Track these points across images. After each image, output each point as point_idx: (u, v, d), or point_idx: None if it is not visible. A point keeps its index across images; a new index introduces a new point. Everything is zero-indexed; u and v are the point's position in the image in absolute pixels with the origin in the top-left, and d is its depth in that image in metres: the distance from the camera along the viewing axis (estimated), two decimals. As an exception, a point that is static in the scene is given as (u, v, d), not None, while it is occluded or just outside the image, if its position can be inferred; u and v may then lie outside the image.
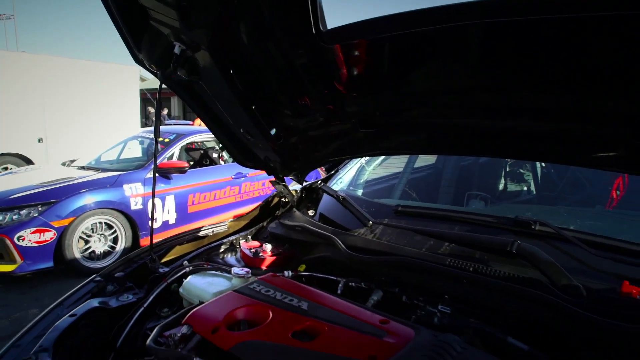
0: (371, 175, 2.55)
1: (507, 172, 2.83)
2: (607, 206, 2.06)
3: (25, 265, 4.49)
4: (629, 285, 1.13)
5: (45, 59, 9.83)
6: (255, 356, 1.04)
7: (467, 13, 1.03)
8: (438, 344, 0.99)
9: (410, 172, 2.82)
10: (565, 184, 2.52)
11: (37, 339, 1.26)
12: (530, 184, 2.76)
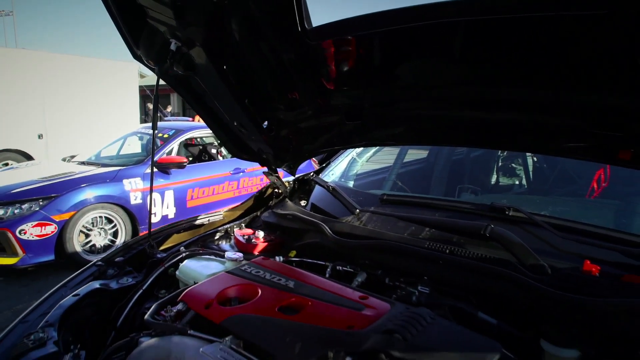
0: (362, 169, 2.65)
1: (500, 166, 2.91)
2: (587, 196, 2.17)
3: (27, 258, 4.59)
4: (590, 264, 1.23)
5: (45, 55, 9.92)
6: (243, 328, 1.14)
7: (445, 12, 1.12)
8: (410, 315, 1.09)
9: (402, 166, 2.92)
10: (555, 177, 2.61)
11: (42, 316, 1.36)
12: (522, 178, 2.85)
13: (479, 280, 1.31)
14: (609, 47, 0.94)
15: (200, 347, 1.10)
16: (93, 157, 6.14)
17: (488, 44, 1.15)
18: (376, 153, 2.71)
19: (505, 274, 1.25)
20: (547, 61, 1.09)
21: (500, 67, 1.21)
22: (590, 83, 1.06)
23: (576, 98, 1.12)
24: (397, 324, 1.06)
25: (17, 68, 9.26)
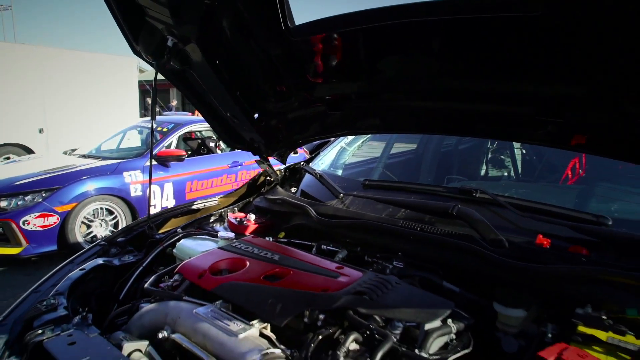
0: (351, 159, 2.79)
1: (489, 158, 3.05)
2: (561, 182, 2.33)
3: (31, 248, 4.76)
4: (542, 238, 1.38)
5: (45, 50, 10.07)
6: (232, 293, 1.30)
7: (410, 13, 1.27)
8: (378, 280, 1.25)
9: (391, 157, 3.06)
10: (542, 168, 2.76)
11: (52, 287, 1.53)
12: (510, 169, 2.99)
13: (445, 254, 1.46)
14: (545, 44, 1.09)
15: (194, 309, 1.25)
16: (94, 151, 6.30)
17: (453, 41, 1.30)
18: (365, 142, 2.85)
19: (468, 248, 1.40)
20: (499, 56, 1.24)
21: (464, 62, 1.36)
22: (534, 75, 1.21)
23: (524, 89, 1.27)
24: (366, 287, 1.21)
25: (17, 63, 9.40)
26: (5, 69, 9.23)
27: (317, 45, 1.52)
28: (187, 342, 1.17)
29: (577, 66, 1.11)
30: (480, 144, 2.95)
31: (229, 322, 1.18)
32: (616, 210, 1.61)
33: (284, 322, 1.15)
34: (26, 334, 1.24)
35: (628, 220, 1.46)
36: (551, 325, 1.18)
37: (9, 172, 5.36)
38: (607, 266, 1.22)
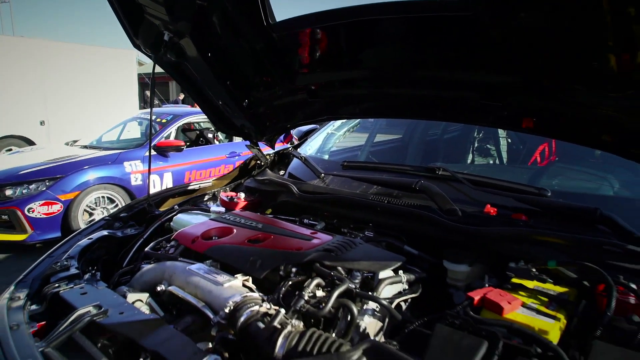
0: (338, 145, 3.01)
1: (476, 147, 3.26)
2: (530, 164, 2.56)
3: (35, 235, 5.00)
4: (490, 207, 1.61)
5: (46, 43, 10.29)
6: (220, 254, 1.53)
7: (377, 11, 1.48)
8: (344, 240, 1.48)
9: (378, 145, 3.28)
10: (525, 156, 2.98)
11: (64, 253, 1.75)
12: (495, 157, 3.20)
13: (408, 223, 1.69)
14: (481, 39, 1.30)
15: (187, 266, 1.48)
16: (94, 142, 6.52)
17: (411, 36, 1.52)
18: (350, 131, 3.07)
19: (427, 217, 1.63)
20: (448, 49, 1.45)
21: (422, 54, 1.58)
22: (476, 65, 1.43)
23: (469, 77, 1.49)
24: (333, 246, 1.44)
25: (18, 56, 9.62)
26: (7, 62, 9.45)
27: (296, 40, 1.74)
28: (182, 292, 1.39)
29: (508, 58, 1.33)
30: (467, 133, 3.16)
31: (216, 275, 1.41)
32: (557, 184, 1.84)
33: (263, 274, 1.38)
34: (44, 287, 1.47)
35: (565, 192, 1.69)
36: (492, 278, 1.41)
37: (13, 162, 5.60)
38: (539, 228, 1.44)
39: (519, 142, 3.06)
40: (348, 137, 3.18)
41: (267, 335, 1.09)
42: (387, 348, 0.98)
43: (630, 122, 1.25)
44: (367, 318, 1.24)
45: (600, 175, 1.86)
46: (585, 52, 1.19)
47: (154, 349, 1.12)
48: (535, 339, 1.06)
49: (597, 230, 1.45)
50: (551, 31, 1.18)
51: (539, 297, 1.26)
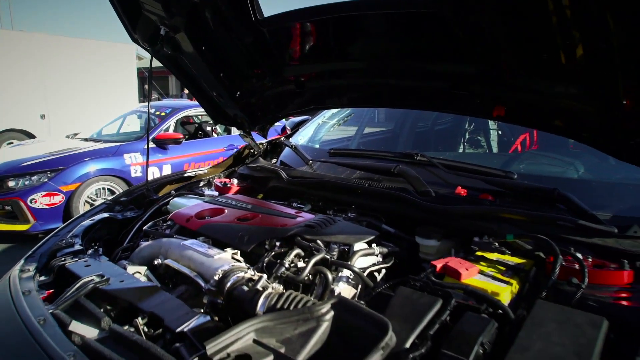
0: (329, 136, 3.16)
1: (467, 139, 3.40)
2: (510, 151, 2.71)
3: (38, 225, 5.16)
4: (460, 189, 1.76)
5: (46, 38, 10.44)
6: (211, 230, 1.68)
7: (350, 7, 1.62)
8: (324, 218, 1.63)
9: (368, 135, 3.42)
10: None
11: (68, 232, 1.91)
12: (485, 149, 3.34)
13: (386, 204, 1.84)
14: (447, 34, 1.44)
15: (182, 242, 1.63)
16: (95, 135, 6.68)
17: (384, 31, 1.66)
18: (344, 118, 3.21)
19: (403, 198, 1.78)
20: (421, 42, 1.60)
21: (399, 48, 1.72)
22: (445, 58, 1.57)
23: (441, 68, 1.63)
24: (314, 222, 1.60)
25: (18, 51, 9.77)
26: (7, 56, 9.60)
27: (283, 34, 1.88)
28: (176, 264, 1.55)
29: (471, 51, 1.47)
30: (457, 125, 3.30)
31: (208, 249, 1.56)
32: (523, 168, 1.99)
33: (250, 248, 1.54)
34: (51, 261, 1.63)
35: (531, 175, 1.83)
36: (460, 252, 1.56)
37: (15, 154, 5.76)
38: (502, 206, 1.59)
39: (510, 134, 3.21)
40: (339, 130, 3.33)
41: (250, 297, 1.24)
42: (352, 303, 1.13)
43: (579, 108, 1.39)
44: (342, 284, 1.39)
45: (568, 160, 2.01)
46: (537, 47, 1.33)
47: (151, 310, 1.28)
48: (486, 299, 1.21)
49: (555, 208, 1.59)
50: (505, 28, 1.32)
51: (497, 267, 1.41)
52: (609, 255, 1.38)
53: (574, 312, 1.13)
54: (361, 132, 3.20)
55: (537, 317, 1.12)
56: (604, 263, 1.35)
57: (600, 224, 1.46)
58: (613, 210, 1.58)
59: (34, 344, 1.13)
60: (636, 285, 1.26)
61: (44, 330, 1.17)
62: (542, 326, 1.09)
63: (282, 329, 1.09)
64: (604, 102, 1.30)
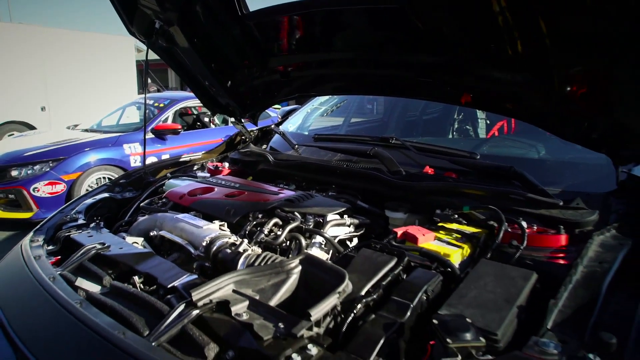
0: (317, 125, 3.35)
1: (456, 128, 3.58)
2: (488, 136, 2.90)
3: (41, 213, 5.37)
4: (428, 168, 1.95)
5: (46, 30, 10.62)
6: (201, 206, 1.88)
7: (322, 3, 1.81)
8: (303, 193, 1.82)
9: (357, 124, 3.61)
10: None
11: (72, 209, 2.11)
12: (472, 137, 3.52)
13: (362, 182, 2.03)
14: (410, 26, 1.63)
15: (175, 216, 1.83)
16: (95, 126, 6.88)
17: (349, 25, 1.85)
18: (332, 107, 3.40)
19: (377, 177, 1.97)
20: (390, 34, 1.78)
21: (369, 40, 1.91)
22: (410, 48, 1.76)
23: (407, 58, 1.82)
24: (293, 197, 1.79)
25: (18, 43, 9.95)
26: (7, 49, 9.79)
27: (267, 27, 2.07)
28: (170, 235, 1.75)
29: (432, 42, 1.66)
30: (446, 114, 3.48)
31: (198, 221, 1.76)
32: (489, 150, 2.18)
33: (235, 220, 1.74)
34: (57, 233, 1.83)
35: (494, 156, 2.02)
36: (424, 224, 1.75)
37: (17, 145, 5.97)
38: (463, 183, 1.78)
39: (496, 121, 3.38)
40: (329, 119, 3.52)
41: (232, 257, 1.44)
42: (317, 258, 1.33)
43: (525, 94, 1.58)
44: (315, 249, 1.58)
45: (531, 143, 2.20)
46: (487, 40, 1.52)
47: (146, 271, 1.48)
48: (437, 258, 1.40)
49: (511, 184, 1.78)
50: (458, 24, 1.50)
51: (454, 234, 1.60)
52: (552, 224, 1.57)
53: (510, 268, 1.33)
54: (349, 121, 3.38)
55: (478, 272, 1.32)
56: (546, 230, 1.54)
57: (548, 197, 1.66)
58: (562, 185, 1.77)
59: (46, 296, 1.33)
60: (570, 247, 1.45)
61: (54, 285, 1.37)
62: (481, 279, 1.28)
63: (257, 281, 1.28)
64: (544, 89, 1.48)
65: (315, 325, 1.12)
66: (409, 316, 1.17)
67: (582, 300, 1.19)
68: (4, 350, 1.24)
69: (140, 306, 1.28)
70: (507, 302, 1.18)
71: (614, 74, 1.32)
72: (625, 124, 1.45)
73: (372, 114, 4.13)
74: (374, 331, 1.11)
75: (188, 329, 1.13)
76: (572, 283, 1.24)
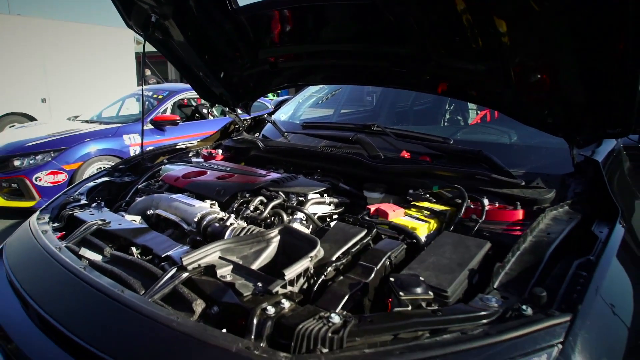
0: (308, 115, 3.51)
1: (447, 119, 3.73)
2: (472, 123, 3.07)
3: (43, 201, 5.55)
4: (405, 152, 2.12)
5: (46, 22, 10.78)
6: (194, 187, 2.05)
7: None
8: (287, 175, 1.99)
9: (349, 114, 3.77)
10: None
11: (74, 191, 2.28)
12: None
13: (344, 166, 2.20)
14: (383, 19, 1.79)
15: (170, 196, 2.01)
16: (95, 117, 7.04)
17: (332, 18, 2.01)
18: (322, 97, 3.56)
19: (357, 160, 2.14)
20: (362, 27, 1.95)
21: (349, 32, 2.07)
22: (384, 41, 1.92)
23: (383, 50, 1.98)
24: (279, 179, 1.96)
25: (19, 35, 10.12)
26: (8, 41, 9.95)
27: (257, 21, 2.23)
28: (165, 213, 1.92)
29: (402, 35, 1.82)
30: (437, 105, 3.63)
31: (191, 200, 1.93)
32: (460, 136, 2.34)
33: (225, 199, 1.91)
34: (62, 211, 2.00)
35: (465, 141, 2.19)
36: (400, 203, 1.92)
37: (19, 135, 6.14)
38: (436, 165, 1.95)
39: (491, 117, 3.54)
40: (322, 110, 3.68)
41: (220, 230, 1.62)
42: (295, 229, 1.50)
43: (486, 83, 1.74)
44: (296, 224, 1.75)
45: (506, 130, 2.36)
46: (451, 34, 1.68)
47: (143, 244, 1.65)
48: (403, 230, 1.58)
49: (479, 167, 1.95)
50: (425, 18, 1.67)
51: (423, 211, 1.77)
52: (513, 201, 1.74)
53: (467, 238, 1.50)
54: (339, 112, 3.55)
55: (439, 242, 1.49)
56: (506, 206, 1.71)
57: (511, 177, 1.82)
58: (527, 167, 1.94)
59: (53, 262, 1.50)
60: (526, 222, 1.62)
61: (61, 254, 1.54)
62: (440, 247, 1.46)
63: (240, 249, 1.46)
64: (502, 78, 1.65)
65: (289, 285, 1.30)
66: (373, 278, 1.34)
67: (527, 264, 1.36)
68: (16, 307, 1.42)
69: (137, 271, 1.45)
70: (460, 266, 1.35)
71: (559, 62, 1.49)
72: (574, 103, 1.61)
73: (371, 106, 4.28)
74: (340, 289, 1.28)
75: (179, 288, 1.30)
76: (519, 250, 1.41)
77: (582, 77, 1.51)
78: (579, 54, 1.43)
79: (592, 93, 1.54)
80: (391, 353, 1.01)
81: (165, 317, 1.14)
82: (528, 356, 1.02)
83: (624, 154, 2.06)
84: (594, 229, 1.48)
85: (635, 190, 1.98)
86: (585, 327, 1.11)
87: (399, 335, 1.09)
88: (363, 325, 1.08)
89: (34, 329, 1.33)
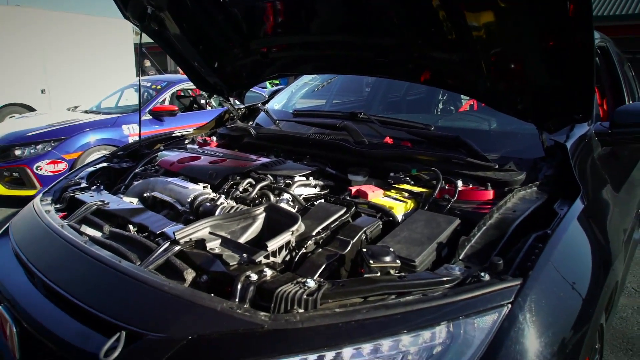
0: (301, 105, 3.63)
1: (441, 108, 3.85)
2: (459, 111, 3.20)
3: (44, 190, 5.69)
4: (389, 138, 2.24)
5: (45, 13, 10.88)
6: (188, 171, 2.18)
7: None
8: (275, 159, 2.12)
9: (341, 104, 3.89)
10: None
11: (75, 176, 2.42)
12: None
13: (331, 152, 2.32)
14: (365, 10, 1.91)
15: (165, 179, 2.14)
16: (94, 107, 7.17)
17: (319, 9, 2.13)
18: (314, 87, 3.68)
19: (342, 146, 2.26)
20: (349, 19, 2.07)
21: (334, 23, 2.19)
22: (368, 32, 2.04)
23: (367, 41, 2.10)
24: (267, 163, 2.10)
25: (18, 26, 10.22)
26: (6, 32, 10.05)
27: (248, 12, 2.35)
28: (160, 195, 2.05)
29: (383, 26, 1.94)
30: (431, 95, 3.74)
31: (185, 183, 2.06)
32: (441, 122, 2.47)
33: (217, 182, 2.04)
34: (63, 194, 2.14)
35: (445, 127, 2.32)
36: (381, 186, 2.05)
37: (19, 125, 6.28)
38: (416, 150, 2.08)
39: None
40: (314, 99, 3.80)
41: (211, 209, 1.75)
42: (281, 207, 1.64)
43: (461, 71, 1.87)
44: (283, 205, 1.89)
45: (486, 117, 2.48)
46: (428, 26, 1.80)
47: (140, 222, 1.79)
48: (381, 209, 1.71)
49: (458, 152, 2.08)
50: (403, 10, 1.79)
51: (402, 193, 1.90)
52: (486, 183, 1.87)
53: (439, 215, 1.64)
54: (331, 102, 3.67)
55: (412, 219, 1.63)
56: (478, 187, 1.84)
57: (485, 160, 1.95)
58: (501, 152, 2.07)
59: (56, 237, 1.64)
60: (495, 201, 1.75)
61: (63, 230, 1.68)
62: (413, 224, 1.59)
63: (229, 225, 1.59)
64: (475, 67, 1.77)
65: (272, 256, 1.44)
66: (349, 250, 1.47)
67: (491, 238, 1.50)
68: (22, 278, 1.56)
69: (134, 245, 1.59)
70: (429, 239, 1.49)
71: (525, 52, 1.61)
72: (541, 90, 1.74)
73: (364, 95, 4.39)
74: (318, 259, 1.42)
75: (171, 259, 1.44)
76: (485, 225, 1.55)
77: (547, 66, 1.64)
78: (541, 44, 1.55)
79: (556, 80, 1.67)
80: (358, 311, 1.14)
81: (158, 282, 1.28)
82: (480, 314, 1.16)
83: (596, 140, 2.19)
84: (555, 206, 1.61)
85: (604, 173, 2.11)
86: (535, 291, 1.24)
87: (368, 298, 1.23)
88: (335, 289, 1.21)
89: (40, 296, 1.47)
